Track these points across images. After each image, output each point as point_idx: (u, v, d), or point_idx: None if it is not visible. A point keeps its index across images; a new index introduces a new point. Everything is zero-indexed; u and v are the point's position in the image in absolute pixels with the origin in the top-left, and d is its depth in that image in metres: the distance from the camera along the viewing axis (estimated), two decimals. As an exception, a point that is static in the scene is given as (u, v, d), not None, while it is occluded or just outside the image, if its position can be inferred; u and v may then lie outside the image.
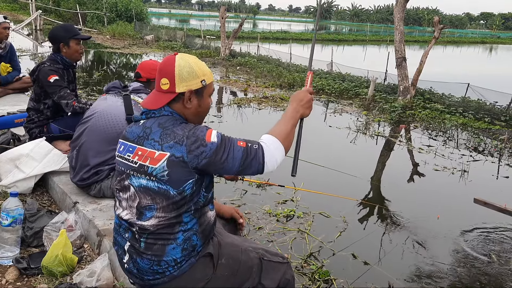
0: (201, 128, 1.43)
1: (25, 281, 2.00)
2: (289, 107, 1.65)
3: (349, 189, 4.11)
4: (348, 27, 73.12)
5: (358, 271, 2.74)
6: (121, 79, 9.16)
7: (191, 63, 1.49)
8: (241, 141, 1.43)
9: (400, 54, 8.51)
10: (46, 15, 22.87)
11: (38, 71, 3.14)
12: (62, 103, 3.10)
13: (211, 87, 1.54)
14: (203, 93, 1.51)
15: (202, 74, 1.50)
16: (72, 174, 2.64)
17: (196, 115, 1.53)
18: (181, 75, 1.47)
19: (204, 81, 1.50)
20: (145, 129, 1.49)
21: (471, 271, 2.88)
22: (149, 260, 1.47)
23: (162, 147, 1.41)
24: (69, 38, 3.16)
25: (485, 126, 6.97)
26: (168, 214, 1.44)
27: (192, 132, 1.41)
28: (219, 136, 1.42)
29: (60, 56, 3.19)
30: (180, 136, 1.40)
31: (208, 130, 1.43)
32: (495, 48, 42.62)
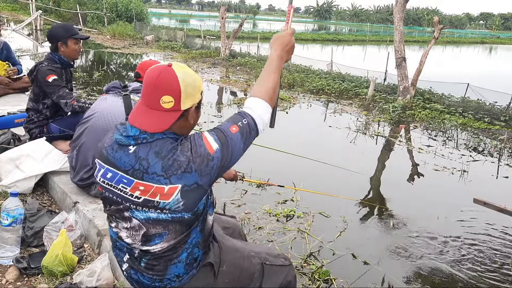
0: (199, 143, 1.30)
1: (25, 281, 2.00)
2: (273, 55, 1.53)
3: (349, 189, 4.11)
4: (348, 27, 73.11)
5: (358, 271, 2.74)
6: (121, 79, 9.15)
7: (191, 75, 1.36)
8: (232, 126, 1.35)
9: (400, 54, 8.52)
10: (46, 15, 22.88)
11: (36, 71, 3.14)
12: (61, 102, 3.09)
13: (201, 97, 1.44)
14: (200, 104, 1.41)
15: (201, 85, 1.40)
16: (72, 174, 2.64)
17: (190, 128, 1.41)
18: (188, 91, 1.32)
19: (202, 92, 1.41)
20: (140, 161, 1.30)
21: (471, 271, 2.89)
22: (151, 278, 1.42)
23: (169, 180, 1.27)
24: (68, 37, 3.15)
25: (485, 126, 6.97)
26: (180, 235, 1.37)
27: (194, 152, 1.28)
28: (216, 139, 1.31)
29: (58, 55, 3.18)
30: (185, 163, 1.27)
31: (205, 141, 1.30)
32: (494, 48, 42.62)
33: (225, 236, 1.69)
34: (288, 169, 4.44)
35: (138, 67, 2.76)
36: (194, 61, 13.19)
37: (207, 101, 7.47)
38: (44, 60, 3.18)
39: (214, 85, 9.54)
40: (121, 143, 1.34)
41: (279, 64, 1.53)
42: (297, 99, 8.49)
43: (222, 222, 1.85)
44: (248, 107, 1.42)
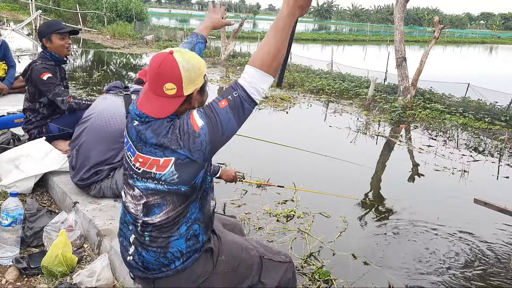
0: (185, 120, 1.37)
1: (25, 281, 2.00)
2: (283, 10, 1.38)
3: (349, 189, 4.10)
4: (348, 27, 73.11)
5: (358, 271, 2.74)
6: (121, 79, 9.16)
7: (192, 60, 1.40)
8: (222, 101, 1.36)
9: (400, 54, 8.51)
10: (46, 15, 22.86)
11: (30, 70, 3.12)
12: (57, 100, 3.08)
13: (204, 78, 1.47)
14: (205, 87, 1.46)
15: (203, 68, 1.43)
16: (72, 174, 2.64)
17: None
18: (190, 77, 1.38)
19: (205, 75, 1.45)
20: (140, 134, 1.44)
21: (471, 271, 2.88)
22: (155, 252, 1.47)
23: (164, 153, 1.38)
24: (51, 33, 3.12)
25: (485, 126, 6.97)
26: (178, 207, 1.43)
27: (181, 130, 1.36)
28: (202, 116, 1.36)
29: (49, 52, 3.16)
30: (175, 140, 1.36)
31: (191, 118, 1.36)
32: (495, 48, 42.62)
33: (225, 231, 1.71)
34: (288, 169, 4.43)
35: (140, 73, 2.76)
36: (194, 61, 13.19)
37: (207, 101, 7.46)
38: (38, 58, 3.17)
39: (214, 85, 9.54)
40: (131, 116, 1.49)
41: (288, 22, 1.36)
42: (297, 99, 8.49)
43: (222, 220, 1.87)
44: (243, 77, 1.38)
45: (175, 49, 1.42)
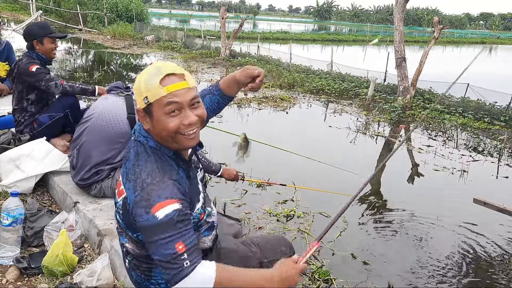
0: (160, 192, 1.20)
1: (26, 280, 2.01)
2: (267, 272, 1.31)
3: (349, 189, 4.11)
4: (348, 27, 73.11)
5: (358, 271, 2.74)
6: (122, 80, 9.15)
7: (143, 76, 1.29)
8: (183, 244, 1.18)
9: (400, 54, 8.52)
10: (46, 15, 22.88)
11: (17, 68, 3.15)
12: (50, 86, 3.08)
13: (161, 103, 1.25)
14: (152, 111, 1.28)
15: (145, 90, 1.27)
16: (72, 174, 2.65)
17: (159, 137, 1.32)
18: (136, 89, 1.31)
19: (146, 98, 1.27)
20: (128, 148, 1.39)
21: (471, 271, 2.89)
22: (140, 276, 1.41)
23: (125, 184, 1.30)
24: (43, 36, 3.16)
25: (485, 126, 6.98)
26: (140, 258, 1.36)
27: (150, 188, 1.21)
28: (169, 216, 1.17)
29: (35, 53, 3.19)
30: (139, 184, 1.23)
31: (164, 202, 1.18)
32: (494, 48, 42.62)
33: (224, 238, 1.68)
34: (288, 169, 4.44)
35: None
36: (194, 61, 13.19)
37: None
38: (23, 57, 3.19)
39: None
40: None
41: (261, 283, 1.27)
42: (297, 99, 8.49)
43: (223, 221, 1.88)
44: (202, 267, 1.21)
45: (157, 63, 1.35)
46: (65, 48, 15.21)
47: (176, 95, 1.26)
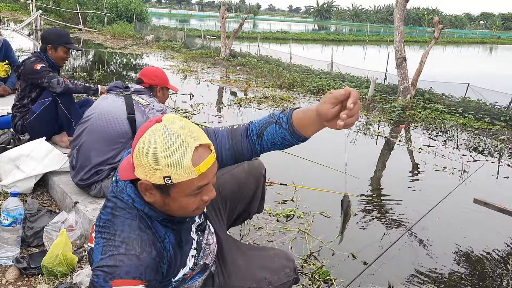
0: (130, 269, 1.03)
1: (25, 281, 2.00)
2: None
3: (348, 189, 4.11)
4: (348, 27, 73.11)
5: (358, 271, 2.74)
6: (122, 79, 9.14)
7: (158, 147, 1.01)
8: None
9: (400, 54, 8.52)
10: (46, 15, 22.87)
11: (23, 66, 3.19)
12: (53, 83, 3.10)
13: (189, 185, 1.04)
14: (170, 192, 1.06)
15: (168, 168, 1.01)
16: (72, 174, 2.64)
17: (164, 210, 1.12)
18: (139, 159, 1.05)
19: (168, 178, 1.02)
20: (107, 197, 1.19)
21: (471, 271, 2.89)
22: None
23: (96, 233, 1.13)
24: (59, 44, 3.21)
25: (485, 126, 6.97)
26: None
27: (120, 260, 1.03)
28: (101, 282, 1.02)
29: (46, 56, 3.23)
30: (110, 248, 1.06)
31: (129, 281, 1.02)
32: (495, 48, 42.62)
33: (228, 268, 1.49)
34: (287, 170, 4.44)
35: (140, 73, 2.76)
36: (194, 61, 13.19)
37: (207, 101, 7.47)
38: (32, 56, 3.23)
39: (214, 85, 9.54)
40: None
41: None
42: (297, 99, 8.49)
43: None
44: None
45: (170, 118, 1.06)
46: (65, 48, 15.19)
47: (207, 174, 1.04)
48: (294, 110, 1.23)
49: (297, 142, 1.25)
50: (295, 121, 1.21)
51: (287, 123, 1.21)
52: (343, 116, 1.08)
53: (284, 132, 1.22)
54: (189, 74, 10.74)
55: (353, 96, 1.09)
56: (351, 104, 1.07)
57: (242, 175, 1.71)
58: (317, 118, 1.16)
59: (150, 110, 2.53)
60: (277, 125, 1.23)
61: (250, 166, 1.74)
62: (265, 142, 1.25)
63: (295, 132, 1.21)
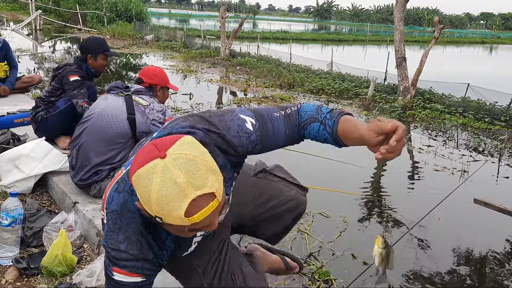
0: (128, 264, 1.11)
1: (25, 281, 2.00)
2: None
3: (348, 189, 4.10)
4: (348, 27, 73.13)
5: (358, 271, 2.74)
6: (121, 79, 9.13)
7: (152, 188, 0.93)
8: None
9: (400, 54, 8.51)
10: (46, 15, 22.87)
11: (62, 69, 3.30)
12: (73, 101, 3.24)
13: (180, 228, 0.99)
14: (163, 225, 1.03)
15: (159, 213, 0.95)
16: (72, 174, 2.64)
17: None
18: (141, 197, 0.97)
19: (160, 218, 0.97)
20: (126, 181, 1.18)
21: (471, 271, 2.88)
22: None
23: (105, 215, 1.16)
24: (100, 52, 3.30)
25: (485, 126, 6.97)
26: None
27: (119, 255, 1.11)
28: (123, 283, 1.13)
29: (86, 65, 3.33)
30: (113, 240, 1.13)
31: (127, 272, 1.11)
32: (495, 48, 42.63)
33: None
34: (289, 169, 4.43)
35: (140, 73, 2.75)
36: (194, 61, 13.19)
37: (207, 101, 7.47)
38: (73, 63, 3.34)
39: (214, 85, 9.54)
40: None
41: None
42: (297, 99, 8.49)
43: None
44: None
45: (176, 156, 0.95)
46: (64, 48, 15.20)
47: (203, 222, 0.97)
48: (342, 116, 1.18)
49: (337, 146, 1.23)
50: (339, 130, 1.16)
51: (331, 128, 1.18)
52: (382, 151, 1.05)
53: (327, 135, 1.20)
54: (188, 74, 10.74)
55: (398, 133, 1.05)
56: (394, 142, 1.05)
57: (286, 215, 1.67)
58: (360, 140, 1.12)
59: (150, 111, 2.53)
60: (322, 125, 1.19)
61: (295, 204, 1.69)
62: (307, 134, 1.25)
63: (338, 140, 1.18)
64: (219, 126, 1.14)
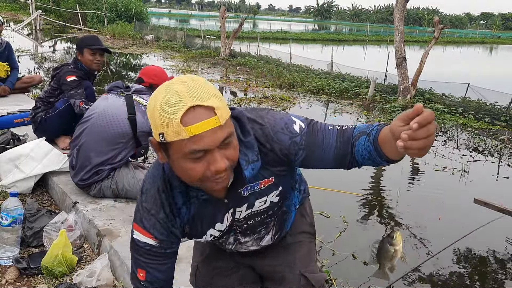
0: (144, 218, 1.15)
1: (25, 281, 2.00)
2: None
3: (348, 189, 4.10)
4: (348, 27, 73.14)
5: (358, 271, 2.74)
6: (121, 79, 9.14)
7: (157, 101, 0.97)
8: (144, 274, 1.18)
9: (400, 54, 8.51)
10: (46, 15, 22.87)
11: (60, 69, 3.35)
12: (71, 101, 3.26)
13: (181, 147, 0.97)
14: (169, 152, 1.01)
15: (161, 124, 0.97)
16: (72, 174, 2.64)
17: (180, 177, 1.08)
18: (150, 115, 1.01)
19: (162, 135, 0.97)
20: None
21: (471, 271, 2.88)
22: None
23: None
24: (83, 47, 3.31)
25: (485, 126, 6.97)
26: None
27: (138, 204, 1.17)
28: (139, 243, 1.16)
29: (80, 62, 3.35)
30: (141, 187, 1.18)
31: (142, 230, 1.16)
32: (495, 48, 42.63)
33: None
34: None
35: (140, 72, 2.76)
36: (194, 61, 13.19)
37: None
38: (71, 63, 3.38)
39: (214, 85, 9.52)
40: None
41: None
42: (297, 99, 8.49)
43: None
44: None
45: (181, 77, 1.02)
46: (64, 48, 15.20)
47: (202, 139, 0.95)
48: (387, 125, 1.05)
49: (381, 160, 1.07)
50: (380, 135, 1.05)
51: (374, 137, 1.06)
52: (403, 136, 0.88)
53: (370, 145, 1.06)
54: (189, 74, 10.73)
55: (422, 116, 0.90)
56: (414, 124, 0.88)
57: None
58: (392, 138, 0.97)
59: (151, 110, 2.53)
60: (367, 137, 1.07)
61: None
62: (356, 152, 1.11)
63: (377, 147, 1.05)
64: (265, 118, 1.14)
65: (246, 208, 1.21)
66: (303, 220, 1.49)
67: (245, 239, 1.32)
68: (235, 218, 1.23)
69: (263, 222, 1.28)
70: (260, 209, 1.23)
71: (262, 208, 1.23)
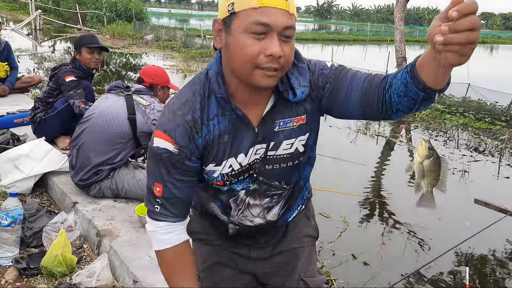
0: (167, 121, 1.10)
1: (25, 281, 2.00)
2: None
3: (348, 189, 4.10)
4: (348, 27, 73.13)
5: (358, 271, 2.73)
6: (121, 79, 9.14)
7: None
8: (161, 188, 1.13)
9: (401, 54, 8.52)
10: (45, 14, 22.86)
11: (58, 70, 3.35)
12: (70, 101, 3.27)
13: (247, 16, 0.97)
14: (231, 25, 1.00)
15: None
16: (72, 174, 2.63)
17: (228, 63, 1.05)
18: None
19: (231, 5, 0.99)
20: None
21: (472, 271, 2.88)
22: None
23: None
24: (81, 46, 3.32)
25: (486, 126, 6.97)
26: None
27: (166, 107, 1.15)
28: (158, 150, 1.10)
29: (78, 62, 3.36)
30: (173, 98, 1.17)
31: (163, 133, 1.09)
32: (495, 48, 42.63)
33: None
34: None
35: (140, 72, 2.75)
36: (194, 61, 13.18)
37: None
38: (69, 62, 3.39)
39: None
40: None
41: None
42: (297, 99, 8.49)
43: None
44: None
45: None
46: (64, 48, 15.20)
47: (269, 13, 0.96)
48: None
49: (417, 90, 0.97)
50: (418, 60, 0.96)
51: (412, 65, 0.97)
52: (443, 28, 0.78)
53: (407, 76, 0.97)
54: (188, 73, 10.73)
55: (463, 4, 0.76)
56: (453, 12, 0.75)
57: None
58: (432, 54, 0.89)
59: (151, 111, 2.52)
60: (405, 69, 0.99)
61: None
62: (392, 92, 1.03)
63: (415, 74, 0.95)
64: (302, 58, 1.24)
65: (272, 147, 1.16)
66: (308, 223, 1.47)
67: (255, 201, 1.24)
68: (257, 157, 1.17)
69: (280, 177, 1.22)
70: (284, 153, 1.18)
71: (286, 153, 1.18)
